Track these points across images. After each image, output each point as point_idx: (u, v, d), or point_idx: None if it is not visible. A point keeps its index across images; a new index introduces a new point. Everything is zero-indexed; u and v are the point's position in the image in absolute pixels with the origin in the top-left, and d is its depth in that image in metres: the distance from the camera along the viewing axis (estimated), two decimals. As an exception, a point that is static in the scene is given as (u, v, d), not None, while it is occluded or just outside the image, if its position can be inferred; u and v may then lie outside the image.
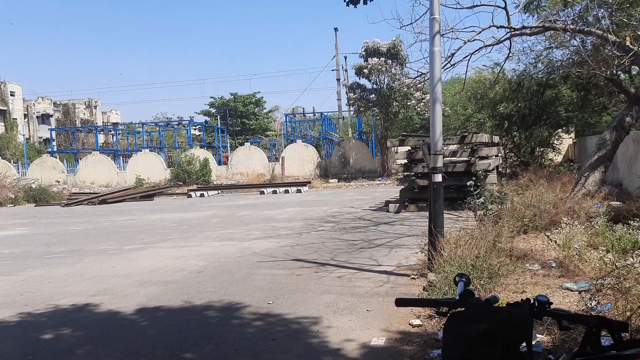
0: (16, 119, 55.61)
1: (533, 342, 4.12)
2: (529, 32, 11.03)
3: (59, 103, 63.25)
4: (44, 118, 60.62)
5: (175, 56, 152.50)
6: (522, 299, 1.70)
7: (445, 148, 15.16)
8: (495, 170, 15.88)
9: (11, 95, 55.74)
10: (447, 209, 13.13)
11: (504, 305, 1.69)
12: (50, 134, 51.06)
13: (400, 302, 1.90)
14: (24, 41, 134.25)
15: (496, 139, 17.38)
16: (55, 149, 48.19)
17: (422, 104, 29.02)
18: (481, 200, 9.38)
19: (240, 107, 62.33)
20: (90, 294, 7.14)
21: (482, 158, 14.72)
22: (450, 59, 10.81)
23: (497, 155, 16.28)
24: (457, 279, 1.91)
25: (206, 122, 60.05)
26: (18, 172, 38.38)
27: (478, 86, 22.32)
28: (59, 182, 36.81)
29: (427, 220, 7.25)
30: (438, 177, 6.95)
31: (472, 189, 9.63)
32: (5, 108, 54.73)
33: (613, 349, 1.53)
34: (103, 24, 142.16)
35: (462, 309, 1.75)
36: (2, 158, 40.00)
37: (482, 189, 10.29)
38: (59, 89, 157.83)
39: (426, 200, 13.84)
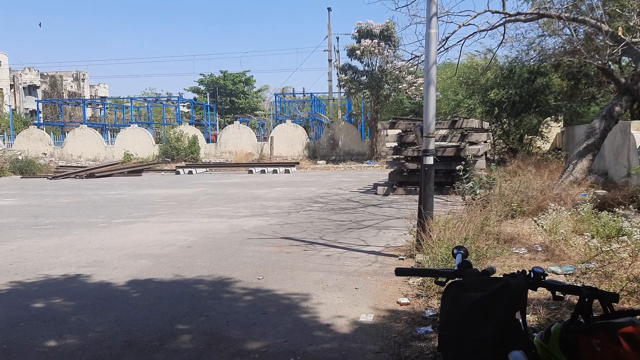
0: (2, 89, 54.66)
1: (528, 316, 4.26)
2: (523, 18, 11.09)
3: (46, 74, 62.18)
4: (30, 89, 59.62)
5: (166, 31, 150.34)
6: (518, 270, 1.77)
7: (435, 132, 15.25)
8: (484, 156, 16.03)
9: (-3, 64, 54.69)
10: (435, 193, 13.25)
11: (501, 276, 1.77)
12: (37, 105, 50.36)
13: (400, 272, 1.98)
14: (11, 9, 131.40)
15: (486, 125, 17.49)
16: (42, 121, 47.59)
17: (413, 87, 29.05)
18: (470, 184, 9.50)
19: (230, 85, 61.86)
20: (80, 265, 7.17)
21: (471, 143, 14.85)
22: (444, 43, 10.85)
23: (486, 141, 16.41)
24: (455, 251, 1.98)
25: (195, 99, 59.59)
26: (4, 143, 37.92)
27: (470, 72, 22.37)
28: (45, 154, 36.45)
29: (416, 203, 7.35)
30: (429, 160, 7.03)
31: (461, 174, 9.74)
32: (-10, 78, 53.75)
33: (603, 319, 1.61)
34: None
35: (460, 279, 1.83)
36: (-13, 128, 39.44)
37: (471, 174, 10.40)
38: (47, 60, 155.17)
39: (415, 183, 13.97)
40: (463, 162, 11.49)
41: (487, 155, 18.72)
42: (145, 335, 4.50)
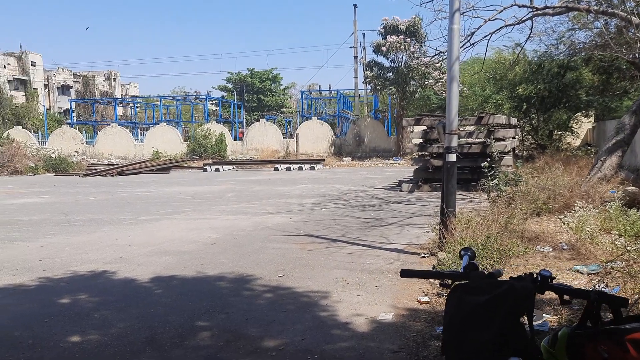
0: (37, 89, 56.09)
1: (540, 322, 4.18)
2: (551, 12, 10.85)
3: (79, 74, 63.58)
4: (64, 89, 61.06)
5: (194, 30, 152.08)
6: (524, 273, 1.74)
7: (461, 129, 15.06)
8: (512, 153, 15.76)
9: (32, 65, 56.13)
10: (461, 190, 13.19)
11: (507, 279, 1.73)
12: (70, 104, 51.57)
13: (405, 274, 1.96)
14: (46, 11, 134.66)
15: (514, 120, 17.19)
16: (74, 120, 48.72)
17: (439, 83, 28.75)
18: (495, 181, 9.35)
19: (257, 83, 62.17)
20: (106, 262, 7.31)
21: (498, 140, 14.61)
22: (470, 38, 10.69)
23: (514, 138, 16.14)
24: (462, 252, 1.95)
25: (223, 97, 60.10)
26: (38, 142, 38.92)
27: (497, 67, 21.99)
28: (78, 152, 37.30)
29: (440, 200, 7.27)
30: (452, 157, 6.94)
31: (486, 171, 9.59)
32: (26, 78, 55.20)
33: (612, 324, 1.57)
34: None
35: (466, 281, 1.80)
36: (22, 127, 40.53)
37: (496, 171, 10.24)
38: (79, 60, 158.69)
39: (440, 180, 13.80)
40: (489, 159, 11.32)
41: (516, 152, 18.40)
42: (166, 332, 4.57)
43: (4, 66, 52.72)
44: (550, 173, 10.62)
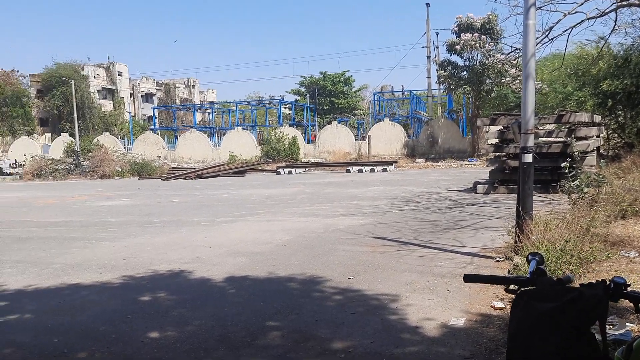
0: (123, 97, 59.53)
1: (622, 331, 3.93)
2: (637, 2, 10.19)
3: (161, 82, 66.85)
4: (147, 97, 64.41)
5: (268, 37, 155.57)
6: (596, 280, 1.65)
7: (540, 128, 14.45)
8: (595, 152, 14.91)
9: (119, 75, 59.62)
10: (540, 191, 12.67)
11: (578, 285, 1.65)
12: (153, 111, 54.32)
13: (469, 278, 1.91)
14: (131, 24, 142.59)
15: (597, 118, 16.25)
16: (157, 126, 51.22)
17: (517, 81, 27.69)
18: (576, 182, 8.88)
19: (330, 85, 62.65)
20: (184, 262, 7.63)
21: (580, 139, 13.87)
22: (548, 33, 10.25)
23: (597, 136, 15.26)
24: (529, 257, 1.88)
25: (296, 100, 61.04)
26: (124, 147, 41.22)
27: (579, 62, 20.87)
28: (159, 157, 39.17)
29: (516, 202, 7.01)
30: (528, 157, 6.68)
31: (566, 171, 9.13)
32: (113, 87, 58.72)
33: None
34: (201, 7, 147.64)
35: (533, 287, 1.73)
36: (110, 134, 43.09)
37: (578, 171, 9.72)
38: (161, 69, 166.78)
39: (517, 182, 13.31)
40: (570, 159, 10.78)
41: (600, 151, 17.38)
42: (238, 331, 4.70)
43: (94, 77, 56.29)
44: (638, 173, 9.96)
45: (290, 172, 30.49)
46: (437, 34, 39.15)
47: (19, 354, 4.39)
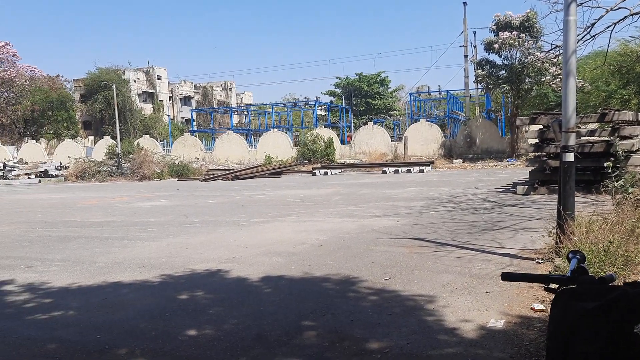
0: (162, 100, 60.85)
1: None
2: (686, -5, 9.77)
3: (198, 86, 68.02)
4: (185, 100, 65.63)
5: (303, 38, 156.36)
6: (640, 280, 1.59)
7: (582, 127, 14.06)
8: (641, 151, 14.40)
9: (158, 79, 60.96)
10: (582, 192, 12.31)
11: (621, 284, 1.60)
12: (191, 114, 55.28)
13: (507, 277, 1.86)
14: (169, 28, 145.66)
15: (644, 116, 15.69)
16: (195, 129, 52.10)
17: (557, 79, 27.00)
18: (620, 182, 8.60)
19: (365, 86, 62.50)
20: (221, 261, 7.73)
21: (624, 138, 13.42)
22: (590, 30, 9.93)
23: (644, 135, 14.71)
24: (570, 255, 1.83)
25: (331, 102, 61.18)
26: (163, 150, 42.14)
27: (623, 59, 20.24)
28: (197, 158, 39.85)
29: (557, 203, 6.84)
30: (569, 156, 6.51)
31: (610, 171, 8.85)
32: (153, 91, 60.08)
33: None
34: (237, 12, 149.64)
35: (574, 286, 1.68)
36: (150, 137, 44.09)
37: (622, 171, 9.41)
38: (199, 72, 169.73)
39: (558, 182, 12.98)
40: (613, 158, 10.44)
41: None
42: (274, 330, 4.73)
43: (134, 81, 57.70)
44: (688, 173, 9.57)
45: (325, 173, 30.54)
46: (474, 33, 38.65)
47: (63, 349, 4.53)
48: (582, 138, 13.50)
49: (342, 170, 32.17)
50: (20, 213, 15.95)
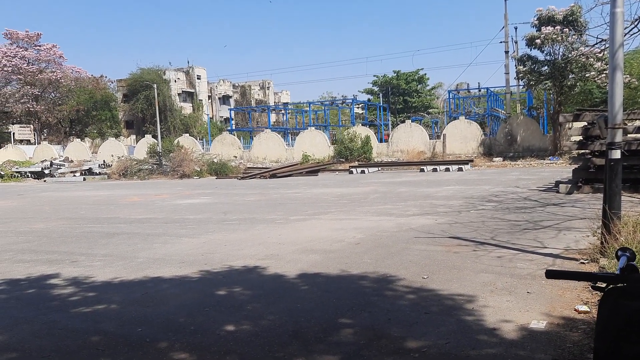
0: (201, 100, 61.85)
1: None
2: None
3: (237, 85, 68.86)
4: (224, 99, 66.54)
5: (340, 36, 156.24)
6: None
7: (629, 123, 13.57)
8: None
9: (198, 78, 61.99)
10: (628, 191, 11.91)
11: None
12: (230, 113, 56.02)
13: (551, 274, 1.81)
14: (208, 28, 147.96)
15: (696, 112, 15.03)
16: (233, 127, 52.79)
17: (602, 75, 26.16)
18: (671, 181, 8.25)
19: (403, 84, 62.00)
20: (259, 258, 7.79)
21: (674, 134, 12.91)
22: (638, 23, 9.55)
23: (697, 131, 14.09)
24: (619, 252, 1.76)
25: (369, 100, 60.90)
26: (202, 148, 42.81)
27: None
28: (236, 157, 40.34)
29: (602, 201, 6.62)
30: (616, 154, 6.29)
31: (660, 169, 8.51)
32: (193, 90, 61.14)
33: None
34: (273, 11, 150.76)
35: (623, 284, 1.62)
36: (190, 135, 44.87)
37: (673, 169, 9.03)
38: (237, 71, 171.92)
39: (603, 180, 12.58)
40: (663, 156, 10.04)
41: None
42: (311, 327, 4.74)
43: (175, 80, 58.85)
44: None
45: (362, 172, 30.44)
46: (515, 29, 37.91)
47: (106, 341, 4.64)
48: (628, 135, 13.04)
49: (380, 168, 31.99)
50: (66, 210, 16.48)
